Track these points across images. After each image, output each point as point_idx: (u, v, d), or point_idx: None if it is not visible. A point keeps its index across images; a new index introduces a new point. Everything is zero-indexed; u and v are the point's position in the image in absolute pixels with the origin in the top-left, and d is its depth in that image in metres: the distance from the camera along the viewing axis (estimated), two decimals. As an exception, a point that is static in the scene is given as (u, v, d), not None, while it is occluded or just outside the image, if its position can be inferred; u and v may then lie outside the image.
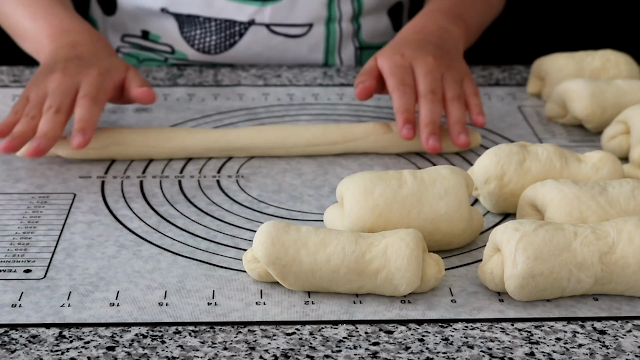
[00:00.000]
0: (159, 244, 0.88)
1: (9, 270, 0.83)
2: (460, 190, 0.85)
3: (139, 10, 1.32)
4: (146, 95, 1.04)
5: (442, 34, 1.12)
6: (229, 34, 1.31)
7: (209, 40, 1.31)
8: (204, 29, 1.30)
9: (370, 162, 1.05)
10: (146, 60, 1.36)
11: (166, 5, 1.30)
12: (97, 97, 1.00)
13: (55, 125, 0.97)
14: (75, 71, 1.02)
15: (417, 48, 1.07)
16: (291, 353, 0.73)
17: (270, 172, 1.02)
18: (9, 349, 0.73)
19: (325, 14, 1.31)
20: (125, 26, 1.35)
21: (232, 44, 1.31)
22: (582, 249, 0.78)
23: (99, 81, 1.01)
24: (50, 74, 1.02)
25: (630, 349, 0.75)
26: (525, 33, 1.86)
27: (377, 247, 0.78)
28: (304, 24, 1.31)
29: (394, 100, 1.01)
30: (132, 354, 0.73)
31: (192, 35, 1.31)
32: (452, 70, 1.05)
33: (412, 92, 1.02)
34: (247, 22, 1.30)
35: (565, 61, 1.18)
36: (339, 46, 1.35)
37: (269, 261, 0.78)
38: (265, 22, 1.30)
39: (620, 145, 1.04)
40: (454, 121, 1.02)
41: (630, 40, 1.78)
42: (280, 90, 1.23)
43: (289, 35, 1.31)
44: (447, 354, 0.74)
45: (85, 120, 0.97)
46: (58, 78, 1.01)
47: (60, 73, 1.01)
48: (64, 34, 1.10)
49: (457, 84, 1.04)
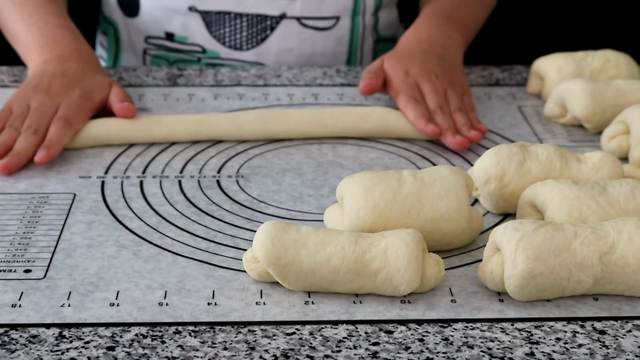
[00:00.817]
0: (159, 244, 0.88)
1: (9, 270, 0.83)
2: (460, 190, 0.85)
3: (163, 11, 1.33)
4: (126, 111, 1.08)
5: (444, 42, 1.19)
6: (260, 29, 1.32)
7: (239, 37, 1.33)
8: (233, 25, 1.32)
9: (370, 162, 1.05)
10: (177, 61, 1.37)
11: (194, 3, 1.31)
12: (72, 120, 1.04)
13: (29, 145, 1.01)
14: (57, 91, 1.07)
15: (422, 63, 1.14)
16: (291, 353, 0.73)
17: (270, 172, 1.02)
18: (9, 349, 0.73)
19: (351, 6, 1.33)
20: (148, 28, 1.36)
21: (263, 38, 1.33)
22: (582, 249, 0.78)
23: (78, 104, 1.06)
24: (35, 92, 1.07)
25: (630, 349, 0.75)
26: (525, 33, 1.86)
27: (377, 247, 0.78)
28: (332, 17, 1.33)
29: (409, 112, 1.09)
30: (132, 354, 0.73)
31: (222, 33, 1.33)
32: (454, 86, 1.13)
33: (424, 104, 1.10)
34: (279, 16, 1.31)
35: (565, 61, 1.18)
36: (362, 39, 1.37)
37: (269, 261, 0.78)
38: (297, 15, 1.32)
39: (620, 145, 1.04)
40: (461, 125, 1.09)
41: (630, 40, 1.78)
42: (280, 90, 1.23)
43: (318, 28, 1.33)
44: (447, 354, 0.74)
45: (53, 141, 1.02)
46: (40, 98, 1.06)
47: (44, 93, 1.06)
48: (53, 46, 1.14)
49: (459, 98, 1.12)
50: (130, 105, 1.07)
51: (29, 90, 1.07)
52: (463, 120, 1.09)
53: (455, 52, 1.19)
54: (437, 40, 1.19)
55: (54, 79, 1.08)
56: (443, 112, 1.09)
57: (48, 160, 1.00)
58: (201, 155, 1.06)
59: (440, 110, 1.09)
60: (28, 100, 1.06)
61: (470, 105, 1.13)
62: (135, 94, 1.20)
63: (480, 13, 1.31)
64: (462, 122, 1.09)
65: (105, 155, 1.05)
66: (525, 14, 1.89)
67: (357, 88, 1.23)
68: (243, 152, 1.07)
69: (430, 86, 1.11)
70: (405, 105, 1.09)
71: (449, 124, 1.08)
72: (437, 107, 1.09)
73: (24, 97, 1.07)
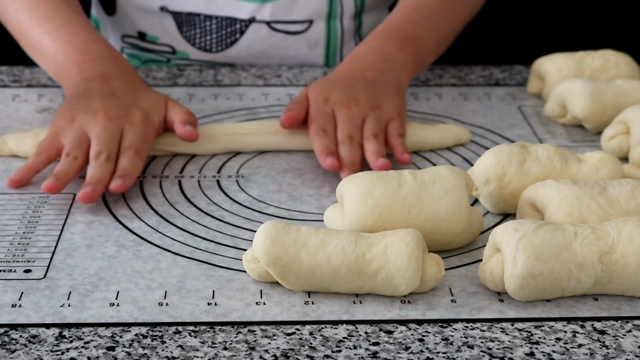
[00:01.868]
0: (159, 244, 0.88)
1: (9, 270, 0.83)
2: (460, 191, 0.85)
3: (137, 10, 1.32)
4: (189, 136, 1.02)
5: (381, 66, 1.10)
6: (230, 32, 1.31)
7: (209, 39, 1.31)
8: (203, 27, 1.31)
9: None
10: (148, 61, 1.36)
11: (166, 3, 1.30)
12: (141, 149, 0.98)
13: (106, 174, 0.95)
14: (117, 114, 0.99)
15: (346, 90, 1.06)
16: (291, 353, 0.73)
17: (270, 172, 1.02)
18: (9, 349, 0.73)
19: (326, 10, 1.31)
20: (124, 27, 1.35)
21: (233, 41, 1.31)
22: (582, 249, 0.78)
23: (142, 130, 1.00)
24: (89, 116, 0.99)
25: (630, 349, 0.75)
26: (525, 33, 1.86)
27: (377, 247, 0.78)
28: (304, 21, 1.31)
29: (314, 145, 1.01)
30: (132, 354, 0.73)
31: (192, 34, 1.32)
32: (377, 111, 1.04)
33: (331, 137, 1.01)
34: (248, 20, 1.30)
35: (565, 61, 1.18)
36: (341, 43, 1.35)
37: (269, 261, 0.78)
38: (266, 19, 1.30)
39: (620, 145, 1.04)
40: (370, 153, 1.00)
41: (630, 40, 1.78)
42: (280, 90, 1.23)
43: (289, 32, 1.31)
44: (447, 354, 0.74)
45: (128, 171, 0.95)
46: (102, 122, 0.98)
47: (103, 116, 0.98)
48: (91, 63, 1.06)
49: (378, 123, 1.03)
50: (191, 131, 1.01)
51: (80, 114, 0.99)
52: (373, 148, 1.00)
53: (392, 75, 1.09)
54: (372, 64, 1.10)
55: (106, 100, 1.00)
56: (351, 143, 1.00)
57: (124, 190, 0.94)
58: (201, 155, 1.06)
59: (349, 141, 1.00)
60: (82, 127, 0.98)
61: (397, 130, 1.03)
62: (135, 94, 1.20)
63: (447, 22, 1.21)
64: (371, 150, 1.00)
65: (105, 155, 1.05)
66: (525, 14, 1.89)
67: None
68: (243, 152, 1.07)
69: (345, 113, 1.03)
70: (313, 137, 1.01)
71: (351, 159, 0.98)
72: (346, 137, 1.00)
73: (74, 123, 0.98)
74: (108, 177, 0.95)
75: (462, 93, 1.23)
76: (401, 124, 1.05)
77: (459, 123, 1.14)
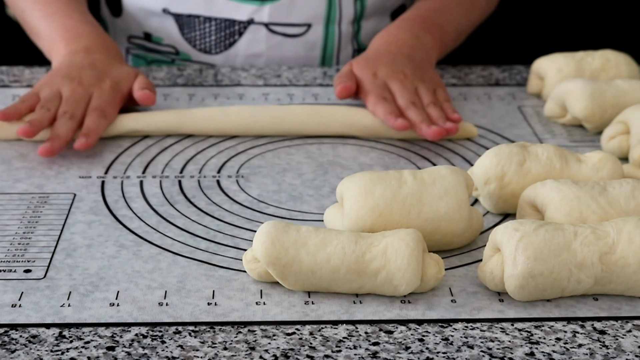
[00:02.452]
0: (159, 244, 0.88)
1: (9, 270, 0.83)
2: (460, 191, 0.85)
3: (141, 12, 1.34)
4: (145, 97, 1.10)
5: (413, 44, 1.18)
6: (229, 33, 1.32)
7: (208, 40, 1.33)
8: (203, 29, 1.32)
9: (370, 162, 1.05)
10: (154, 61, 1.38)
11: (167, 5, 1.31)
12: (107, 110, 1.07)
13: (68, 130, 1.03)
14: (89, 81, 1.09)
15: (390, 64, 1.13)
16: (291, 353, 0.73)
17: (270, 172, 1.02)
18: (9, 349, 0.73)
19: (325, 14, 1.32)
20: (130, 28, 1.37)
21: (231, 43, 1.32)
22: (582, 249, 0.78)
23: (110, 95, 1.09)
24: (66, 81, 1.08)
25: (630, 349, 0.75)
26: (525, 33, 1.86)
27: (377, 247, 0.78)
28: (303, 24, 1.32)
29: (378, 111, 1.08)
30: (132, 354, 0.73)
31: (193, 36, 1.33)
32: (424, 82, 1.12)
33: (393, 103, 1.09)
34: (246, 21, 1.31)
35: (565, 61, 1.18)
36: (338, 48, 1.36)
37: (269, 261, 0.78)
38: (264, 21, 1.31)
39: (620, 145, 1.04)
40: (436, 117, 1.08)
41: (630, 40, 1.78)
42: (280, 90, 1.23)
43: (287, 34, 1.32)
44: (447, 354, 0.74)
45: (91, 129, 1.04)
46: (73, 87, 1.08)
47: (76, 82, 1.08)
48: (77, 38, 1.16)
49: (430, 93, 1.11)
50: (148, 93, 1.10)
51: (59, 79, 1.09)
52: (437, 113, 1.08)
53: (424, 52, 1.18)
54: (405, 42, 1.18)
55: (84, 70, 1.10)
56: (416, 107, 1.07)
57: (87, 147, 1.02)
58: (201, 155, 1.06)
59: (413, 106, 1.07)
60: (59, 88, 1.07)
61: (445, 97, 1.12)
62: (135, 94, 1.20)
63: (466, 19, 1.30)
64: (436, 114, 1.07)
65: (105, 155, 1.05)
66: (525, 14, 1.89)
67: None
68: (243, 152, 1.07)
69: (399, 84, 1.10)
70: (375, 104, 1.08)
71: (422, 117, 1.06)
72: (409, 102, 1.08)
73: (53, 84, 1.08)
74: (69, 134, 1.03)
75: (462, 93, 1.23)
76: (446, 92, 1.13)
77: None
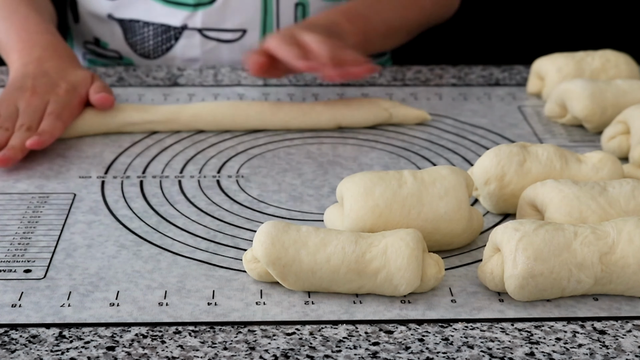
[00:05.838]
0: (159, 244, 0.88)
1: (9, 270, 0.83)
2: (460, 191, 0.85)
3: (91, 17, 1.36)
4: (102, 101, 1.09)
5: (330, 25, 1.16)
6: (165, 38, 1.34)
7: (147, 45, 1.35)
8: (142, 33, 1.34)
9: (370, 162, 1.05)
10: (104, 66, 1.39)
11: (112, 11, 1.33)
12: (62, 114, 1.06)
13: (23, 140, 1.02)
14: (44, 89, 1.08)
15: (305, 28, 1.11)
16: (291, 353, 0.73)
17: (270, 172, 1.02)
18: (9, 349, 0.73)
19: (260, 20, 1.32)
20: (84, 33, 1.40)
21: (168, 48, 1.34)
22: (582, 249, 0.78)
23: (66, 99, 1.08)
24: (21, 92, 1.08)
25: (630, 349, 0.75)
26: (525, 33, 1.86)
27: (377, 247, 0.78)
28: (237, 30, 1.33)
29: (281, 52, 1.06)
30: (132, 354, 0.73)
31: (135, 41, 1.35)
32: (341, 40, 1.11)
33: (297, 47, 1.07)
34: (181, 27, 1.32)
35: (565, 61, 1.18)
36: None
37: (269, 261, 0.78)
38: (197, 26, 1.32)
39: (620, 145, 1.04)
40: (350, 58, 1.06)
41: (630, 40, 1.78)
42: (280, 90, 1.23)
43: (221, 40, 1.33)
44: (447, 354, 0.74)
45: (45, 131, 1.04)
46: (28, 98, 1.07)
47: (30, 92, 1.08)
48: (30, 49, 1.16)
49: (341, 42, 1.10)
50: (105, 96, 1.09)
51: (13, 92, 1.08)
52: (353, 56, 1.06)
53: (344, 33, 1.16)
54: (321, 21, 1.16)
55: (37, 79, 1.10)
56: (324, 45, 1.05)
57: (39, 145, 1.01)
58: (201, 155, 1.06)
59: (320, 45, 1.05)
60: (15, 102, 1.07)
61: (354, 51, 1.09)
62: (135, 94, 1.20)
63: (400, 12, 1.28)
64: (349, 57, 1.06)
65: (105, 155, 1.05)
66: (525, 14, 1.89)
67: (358, 88, 1.23)
68: (243, 152, 1.07)
69: (312, 36, 1.07)
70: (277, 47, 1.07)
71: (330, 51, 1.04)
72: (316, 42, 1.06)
73: (9, 100, 1.07)
74: (24, 144, 1.02)
75: (462, 93, 1.23)
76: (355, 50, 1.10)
77: (459, 123, 1.14)
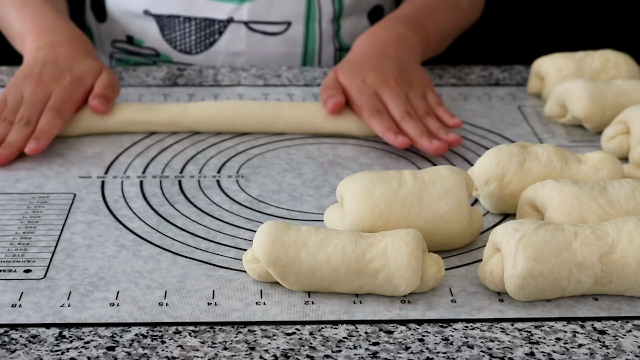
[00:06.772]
0: (159, 244, 0.88)
1: (9, 270, 0.83)
2: (460, 191, 0.85)
3: (124, 15, 1.35)
4: (95, 109, 1.08)
5: (398, 44, 1.16)
6: (208, 33, 1.33)
7: (188, 41, 1.34)
8: (183, 29, 1.33)
9: (370, 162, 1.05)
10: (137, 64, 1.38)
11: (148, 7, 1.33)
12: (63, 109, 1.06)
13: (21, 137, 1.02)
14: (49, 78, 1.08)
15: (377, 69, 1.11)
16: (291, 353, 0.73)
17: (270, 172, 1.02)
18: (9, 349, 0.73)
19: (304, 13, 1.33)
20: (114, 32, 1.38)
21: (211, 42, 1.34)
22: (582, 249, 0.78)
23: (69, 91, 1.07)
24: (27, 80, 1.08)
25: (630, 349, 0.75)
26: (525, 33, 1.86)
27: (377, 247, 0.78)
28: (282, 22, 1.33)
29: (375, 125, 1.05)
30: (132, 354, 0.73)
31: (173, 37, 1.34)
32: (413, 87, 1.10)
33: (388, 117, 1.06)
34: (226, 20, 1.32)
35: (565, 61, 1.18)
36: (320, 46, 1.36)
37: (269, 261, 0.78)
38: (244, 19, 1.32)
39: (620, 145, 1.04)
40: (436, 129, 1.05)
41: (630, 40, 1.78)
42: (280, 90, 1.23)
43: (267, 32, 1.33)
44: (447, 354, 0.74)
45: (43, 131, 1.03)
46: (32, 87, 1.07)
47: (35, 82, 1.07)
48: (45, 34, 1.16)
49: (422, 99, 1.09)
50: (98, 106, 1.07)
51: (22, 79, 1.09)
52: (436, 124, 1.05)
53: (409, 51, 1.16)
54: (390, 42, 1.15)
55: (45, 67, 1.09)
56: (411, 117, 1.05)
57: (38, 151, 1.01)
58: (201, 155, 1.06)
59: (408, 117, 1.05)
60: (21, 90, 1.07)
61: (437, 100, 1.10)
62: (135, 94, 1.20)
63: (451, 20, 1.28)
64: (435, 126, 1.05)
65: (105, 155, 1.05)
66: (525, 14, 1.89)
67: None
68: (243, 152, 1.07)
69: (391, 93, 1.07)
70: (369, 119, 1.05)
71: (421, 130, 1.03)
72: (404, 113, 1.05)
73: (17, 87, 1.08)
74: (22, 141, 1.02)
75: (462, 93, 1.23)
76: (435, 94, 1.11)
77: (459, 123, 1.15)
